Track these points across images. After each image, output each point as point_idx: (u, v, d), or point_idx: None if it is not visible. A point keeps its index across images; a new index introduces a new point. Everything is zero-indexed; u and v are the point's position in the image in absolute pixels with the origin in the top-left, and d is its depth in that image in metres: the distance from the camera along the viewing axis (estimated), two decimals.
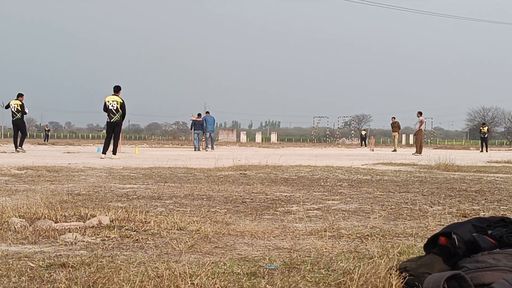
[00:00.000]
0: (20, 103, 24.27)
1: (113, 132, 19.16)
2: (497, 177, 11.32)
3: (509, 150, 50.69)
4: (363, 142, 64.69)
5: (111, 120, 18.99)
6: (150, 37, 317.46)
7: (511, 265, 2.81)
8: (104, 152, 19.09)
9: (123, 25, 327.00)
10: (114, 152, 19.07)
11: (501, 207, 6.69)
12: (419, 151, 29.71)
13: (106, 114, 19.04)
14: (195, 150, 32.00)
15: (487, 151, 39.45)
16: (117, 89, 19.25)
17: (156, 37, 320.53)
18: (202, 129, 32.99)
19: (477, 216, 5.39)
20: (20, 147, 23.97)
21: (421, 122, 31.09)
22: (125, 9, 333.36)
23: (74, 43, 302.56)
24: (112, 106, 18.91)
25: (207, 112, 34.97)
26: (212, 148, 33.79)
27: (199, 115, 33.78)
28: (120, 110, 18.96)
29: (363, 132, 68.78)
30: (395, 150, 36.44)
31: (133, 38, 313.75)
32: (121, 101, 19.00)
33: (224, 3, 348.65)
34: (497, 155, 27.51)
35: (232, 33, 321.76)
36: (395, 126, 38.42)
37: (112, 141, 19.20)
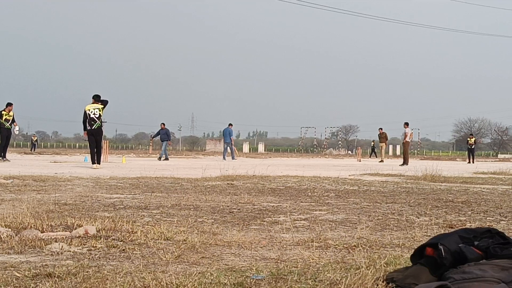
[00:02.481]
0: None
1: (95, 141, 19.08)
2: (484, 188, 11.37)
3: (495, 161, 50.93)
4: (373, 152, 64.01)
5: (92, 128, 18.93)
6: (137, 47, 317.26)
7: (497, 276, 2.82)
8: (93, 162, 19.01)
9: (110, 35, 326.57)
10: (99, 162, 19.02)
11: (488, 218, 6.72)
12: (404, 162, 29.79)
13: (87, 123, 18.96)
14: (159, 159, 31.64)
15: (473, 162, 39.65)
16: (97, 98, 19.21)
17: (143, 46, 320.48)
18: (167, 139, 33.41)
19: (464, 227, 5.42)
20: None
21: (405, 135, 31.16)
22: (111, 18, 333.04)
23: (60, 53, 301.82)
24: (94, 114, 18.91)
25: (230, 124, 36.10)
26: (230, 157, 35.31)
27: (162, 124, 33.93)
28: (101, 117, 19.06)
29: (373, 143, 68.27)
30: (382, 161, 36.58)
31: (120, 48, 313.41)
32: (102, 107, 19.07)
33: (211, 14, 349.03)
34: (484, 166, 27.65)
35: (219, 43, 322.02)
36: (382, 137, 38.55)
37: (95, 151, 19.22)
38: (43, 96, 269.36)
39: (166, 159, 31.90)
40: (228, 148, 36.06)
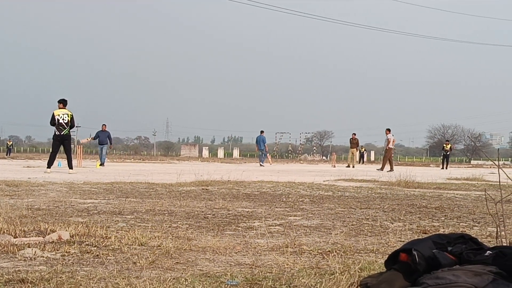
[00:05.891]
0: None
1: (62, 146, 18.96)
2: (457, 194, 11.46)
3: (468, 167, 51.38)
4: (362, 159, 63.27)
5: (61, 133, 18.66)
6: (112, 51, 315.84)
7: (470, 281, 2.84)
8: (49, 166, 18.78)
9: (84, 38, 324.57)
10: (70, 167, 18.79)
11: (461, 223, 6.78)
12: (390, 168, 29.22)
13: (55, 127, 18.71)
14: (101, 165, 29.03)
15: (447, 168, 39.87)
16: (65, 103, 19.03)
17: (117, 50, 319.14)
18: (107, 142, 31.33)
19: (437, 232, 5.45)
20: None
21: (388, 141, 30.89)
22: (86, 22, 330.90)
23: (34, 57, 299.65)
24: (63, 119, 18.66)
25: (262, 132, 37.77)
26: (262, 163, 36.75)
27: (103, 125, 31.88)
28: (70, 123, 18.84)
29: (362, 149, 67.84)
30: (351, 166, 36.14)
31: (94, 52, 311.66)
32: (71, 114, 18.85)
33: (186, 16, 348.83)
34: (457, 172, 27.87)
35: (195, 47, 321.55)
36: (354, 142, 38.57)
37: (66, 156, 19.17)
38: (16, 101, 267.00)
39: (102, 164, 29.14)
40: (261, 154, 37.82)
